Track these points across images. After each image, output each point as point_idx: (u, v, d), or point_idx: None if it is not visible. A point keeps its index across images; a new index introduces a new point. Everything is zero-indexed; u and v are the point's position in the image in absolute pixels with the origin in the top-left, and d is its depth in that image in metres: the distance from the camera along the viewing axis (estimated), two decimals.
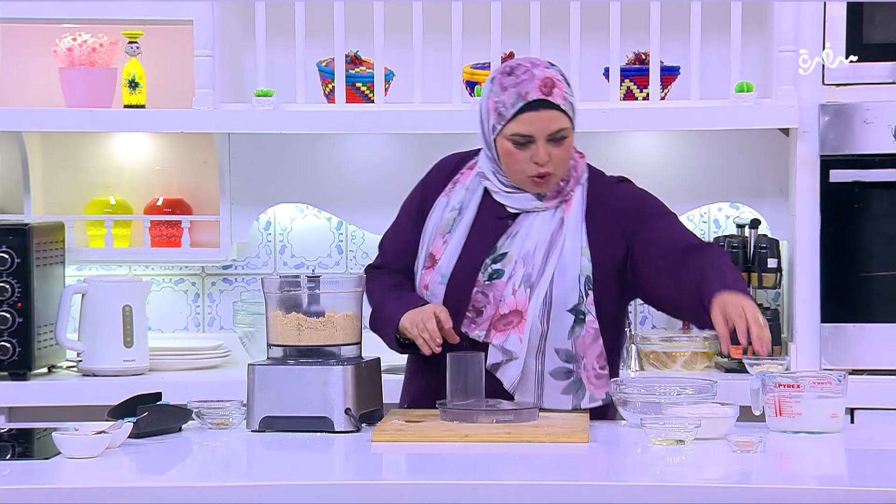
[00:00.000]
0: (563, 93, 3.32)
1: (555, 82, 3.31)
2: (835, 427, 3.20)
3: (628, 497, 2.73)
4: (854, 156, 4.16)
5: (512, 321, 3.32)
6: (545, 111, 3.30)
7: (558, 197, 3.38)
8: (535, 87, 3.30)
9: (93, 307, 4.28)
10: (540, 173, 3.32)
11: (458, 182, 3.45)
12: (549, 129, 3.31)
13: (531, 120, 3.30)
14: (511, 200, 3.38)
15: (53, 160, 4.67)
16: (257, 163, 4.59)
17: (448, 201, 3.43)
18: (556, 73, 3.34)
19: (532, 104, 3.30)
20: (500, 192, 3.39)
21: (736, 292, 3.16)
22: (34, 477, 2.84)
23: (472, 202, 3.41)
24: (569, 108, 3.33)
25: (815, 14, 4.16)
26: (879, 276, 4.15)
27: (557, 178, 3.36)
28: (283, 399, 3.23)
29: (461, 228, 3.40)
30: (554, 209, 3.38)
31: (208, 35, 4.30)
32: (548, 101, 3.30)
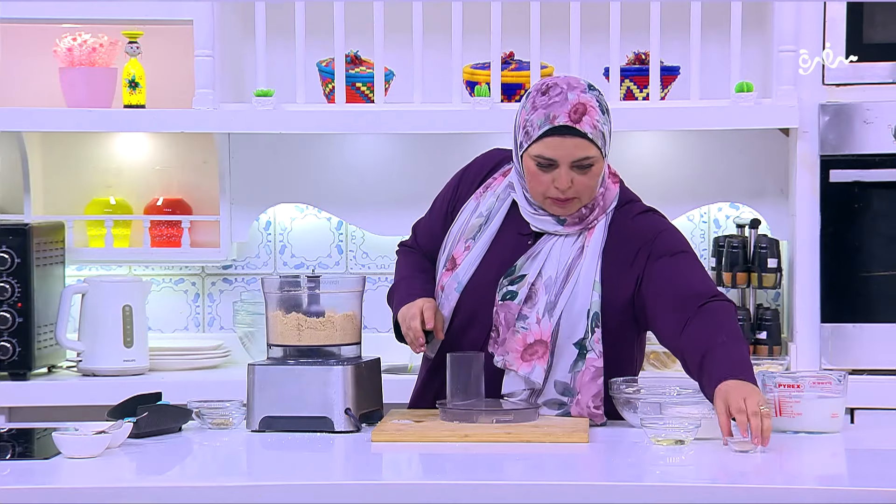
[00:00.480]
0: (593, 120, 3.21)
1: (587, 109, 3.21)
2: (835, 427, 3.20)
3: (628, 497, 2.73)
4: (854, 156, 4.16)
5: (537, 351, 3.27)
6: (571, 138, 3.21)
7: (580, 224, 3.31)
8: (564, 112, 3.21)
9: (93, 307, 4.28)
10: (560, 198, 3.26)
11: (490, 187, 3.40)
12: (574, 157, 3.22)
13: (556, 145, 3.22)
14: (534, 220, 3.32)
15: (53, 160, 4.67)
16: (257, 163, 4.59)
17: (477, 206, 3.38)
18: (593, 98, 3.24)
19: (558, 129, 3.21)
20: (526, 210, 3.33)
21: (740, 381, 3.06)
22: (34, 477, 2.84)
23: (499, 212, 3.36)
24: (598, 137, 3.23)
25: (815, 14, 4.16)
26: (879, 276, 4.15)
27: (580, 203, 3.28)
28: (283, 399, 3.23)
29: (485, 238, 3.35)
30: (576, 236, 3.31)
31: (208, 35, 4.30)
32: (574, 129, 3.21)
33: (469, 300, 3.33)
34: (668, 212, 4.50)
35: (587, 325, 3.27)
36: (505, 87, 4.32)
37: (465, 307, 3.34)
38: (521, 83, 4.34)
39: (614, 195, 3.36)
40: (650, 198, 4.51)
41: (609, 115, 3.27)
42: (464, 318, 3.34)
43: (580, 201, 3.28)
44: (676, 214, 4.54)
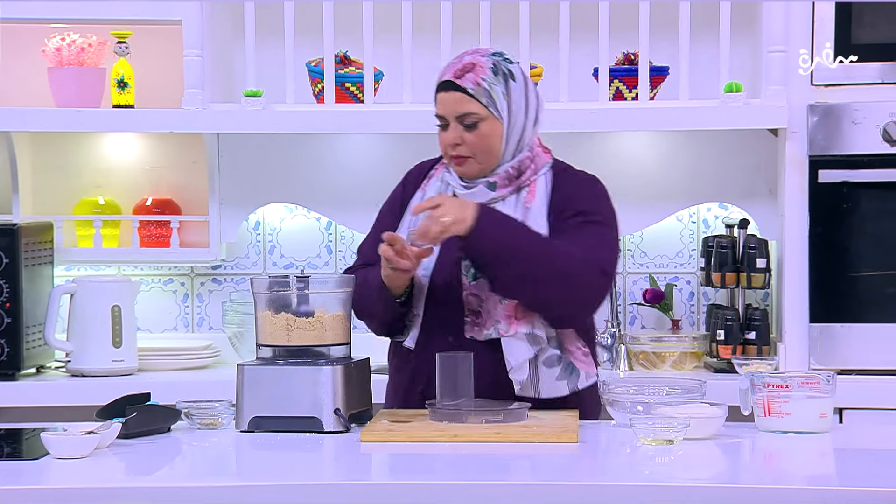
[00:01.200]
0: (477, 78, 3.34)
1: (475, 67, 3.35)
2: (823, 427, 3.21)
3: (617, 497, 2.73)
4: (843, 156, 4.17)
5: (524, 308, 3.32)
6: (451, 93, 3.35)
7: (511, 186, 3.40)
8: (451, 71, 3.38)
9: (81, 307, 4.27)
10: (452, 154, 3.38)
11: (433, 177, 3.50)
12: (456, 112, 3.36)
13: (441, 101, 3.38)
14: (468, 196, 3.40)
15: (42, 160, 4.66)
16: (246, 163, 4.59)
17: (424, 194, 3.48)
18: (489, 60, 3.36)
19: (442, 85, 3.38)
20: (459, 189, 3.43)
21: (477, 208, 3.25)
22: (23, 477, 2.84)
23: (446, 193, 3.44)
24: (481, 94, 3.34)
25: (804, 14, 4.16)
26: (868, 276, 4.16)
27: (479, 164, 3.38)
28: (272, 399, 3.23)
29: None
30: (514, 198, 3.39)
31: (197, 35, 4.29)
32: (454, 84, 3.35)
33: (438, 282, 3.38)
34: (657, 212, 4.54)
35: None
36: None
37: (436, 290, 3.38)
38: None
39: (545, 162, 3.45)
40: (639, 197, 4.54)
41: (509, 78, 3.35)
42: (436, 300, 3.37)
43: (476, 161, 3.38)
44: (665, 214, 4.54)
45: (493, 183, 3.39)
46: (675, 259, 4.60)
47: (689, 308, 4.60)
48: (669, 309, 4.54)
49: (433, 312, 3.38)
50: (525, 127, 3.39)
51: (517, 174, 3.40)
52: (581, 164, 4.54)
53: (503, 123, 3.36)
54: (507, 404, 3.26)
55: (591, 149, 4.54)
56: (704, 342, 4.38)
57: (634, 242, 4.60)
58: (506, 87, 3.36)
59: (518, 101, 3.37)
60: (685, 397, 3.28)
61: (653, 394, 3.29)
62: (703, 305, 4.58)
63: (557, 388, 3.35)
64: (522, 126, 3.39)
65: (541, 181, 3.41)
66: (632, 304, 4.59)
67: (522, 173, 3.40)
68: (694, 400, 3.27)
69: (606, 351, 4.38)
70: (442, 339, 3.34)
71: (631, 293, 4.59)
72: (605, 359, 4.38)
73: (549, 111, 4.26)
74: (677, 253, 4.60)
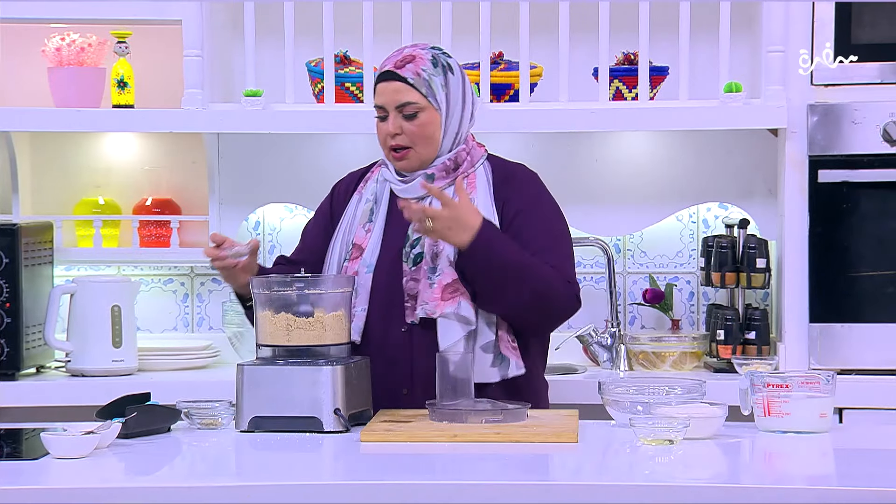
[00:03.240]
0: (417, 68, 3.42)
1: (415, 58, 3.44)
2: (823, 427, 3.21)
3: (617, 497, 2.73)
4: (842, 156, 4.17)
5: (457, 289, 3.38)
6: (392, 83, 3.44)
7: (448, 177, 3.46)
8: (391, 61, 3.46)
9: (81, 307, 4.27)
10: (391, 145, 3.44)
11: (369, 179, 3.58)
12: (397, 101, 3.43)
13: (381, 91, 3.46)
14: (406, 192, 3.48)
15: (42, 160, 4.66)
16: (246, 163, 4.59)
17: (362, 196, 3.55)
18: (429, 53, 3.45)
19: (383, 75, 3.46)
20: (397, 185, 3.50)
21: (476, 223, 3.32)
22: (22, 477, 2.84)
23: (384, 194, 3.53)
24: (421, 84, 3.42)
25: (804, 14, 4.16)
26: (868, 276, 4.16)
27: (418, 155, 3.45)
28: (272, 399, 3.23)
29: (380, 218, 3.51)
30: (452, 190, 3.43)
31: (197, 35, 4.29)
32: (395, 74, 3.42)
33: (380, 280, 3.45)
34: (657, 212, 4.54)
35: None
36: (494, 88, 4.32)
37: (379, 284, 3.45)
38: (511, 83, 4.34)
39: (481, 154, 3.52)
40: (639, 198, 4.54)
41: (448, 71, 3.44)
42: (380, 294, 3.44)
43: (416, 153, 3.45)
44: (665, 214, 4.54)
45: (431, 175, 3.47)
46: (675, 259, 4.60)
47: (689, 308, 4.60)
48: (669, 309, 4.55)
49: (378, 305, 3.44)
50: (462, 119, 3.48)
51: (454, 166, 3.47)
52: (581, 164, 4.56)
53: (441, 114, 3.45)
54: (507, 404, 3.27)
55: (591, 149, 4.54)
56: (704, 342, 4.38)
57: (634, 242, 4.60)
58: (444, 79, 3.45)
59: (456, 93, 3.46)
60: (685, 397, 3.28)
61: (653, 394, 3.29)
62: (702, 305, 4.58)
63: (488, 374, 3.42)
64: (460, 118, 3.48)
65: (480, 173, 3.50)
66: (632, 304, 4.59)
67: (460, 165, 3.48)
68: (694, 400, 3.27)
69: (606, 351, 4.38)
70: (385, 329, 3.41)
71: (631, 293, 4.59)
72: (605, 359, 4.38)
73: (549, 111, 4.29)
74: (677, 253, 4.60)
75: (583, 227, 4.49)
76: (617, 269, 4.53)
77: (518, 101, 4.30)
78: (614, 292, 4.46)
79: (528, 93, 4.30)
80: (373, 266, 3.47)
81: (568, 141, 4.53)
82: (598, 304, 4.54)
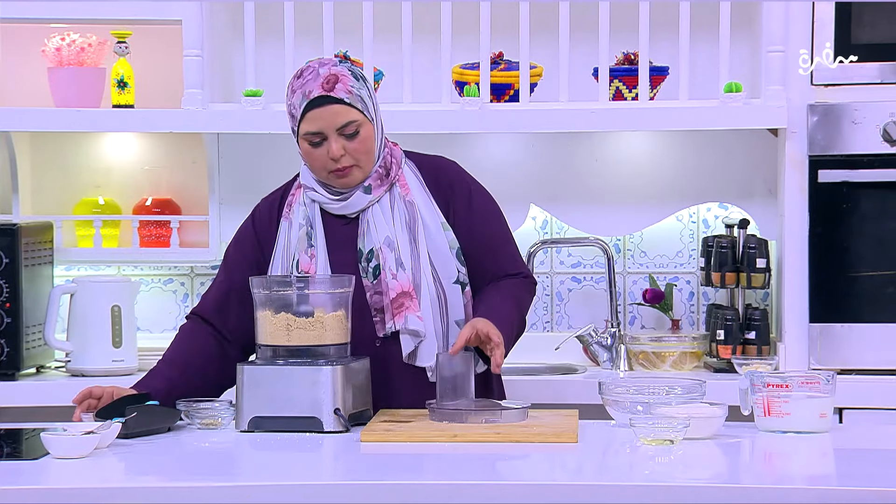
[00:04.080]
0: (347, 87, 3.39)
1: (339, 77, 3.40)
2: (823, 427, 3.21)
3: (617, 497, 2.73)
4: (842, 156, 4.17)
5: (403, 303, 3.38)
6: (329, 106, 3.38)
7: (384, 185, 3.46)
8: (317, 86, 3.38)
9: (81, 307, 4.27)
10: (337, 168, 3.40)
11: (293, 203, 3.52)
12: (337, 124, 3.39)
13: (317, 117, 3.38)
14: (346, 209, 3.45)
15: (42, 160, 4.66)
16: (246, 163, 4.59)
17: (292, 222, 3.49)
18: (344, 68, 3.42)
19: (315, 101, 3.38)
20: (332, 203, 3.46)
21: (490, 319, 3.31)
22: (22, 477, 2.84)
23: (316, 216, 3.48)
24: (356, 101, 3.40)
25: (804, 14, 4.16)
26: (868, 276, 4.16)
27: (362, 170, 3.43)
28: (272, 399, 3.23)
29: (320, 241, 3.46)
30: (389, 196, 3.45)
31: (197, 35, 4.29)
32: (330, 97, 3.37)
33: None
34: (657, 212, 4.54)
35: (455, 261, 3.43)
36: (494, 88, 4.32)
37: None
38: (511, 83, 4.34)
39: (400, 153, 3.53)
40: (639, 197, 4.54)
41: (365, 81, 3.45)
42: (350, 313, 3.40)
43: (360, 168, 3.43)
44: (665, 214, 4.54)
45: (367, 186, 3.45)
46: (675, 259, 4.60)
47: (688, 308, 4.60)
48: (669, 309, 4.55)
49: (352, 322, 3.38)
50: (381, 123, 3.49)
51: (386, 172, 3.47)
52: (581, 164, 4.57)
53: (374, 125, 3.44)
54: (506, 404, 3.27)
55: (591, 149, 4.54)
56: (704, 342, 4.38)
57: (634, 242, 4.60)
58: (368, 90, 3.45)
59: (374, 99, 3.47)
60: (685, 397, 3.28)
61: (653, 394, 3.29)
62: (702, 305, 4.58)
63: None
64: (381, 123, 3.49)
65: (407, 172, 3.50)
66: (632, 304, 4.59)
67: (389, 170, 3.47)
68: (694, 400, 3.27)
69: (606, 351, 4.38)
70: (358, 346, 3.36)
71: (631, 293, 4.59)
72: (605, 359, 4.38)
73: (549, 111, 4.29)
74: (677, 253, 4.60)
75: (583, 227, 4.50)
76: (617, 269, 4.53)
77: (518, 101, 4.30)
78: (614, 292, 4.46)
79: (528, 93, 4.30)
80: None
81: (568, 141, 4.53)
82: (598, 304, 4.54)
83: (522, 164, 4.56)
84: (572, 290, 4.60)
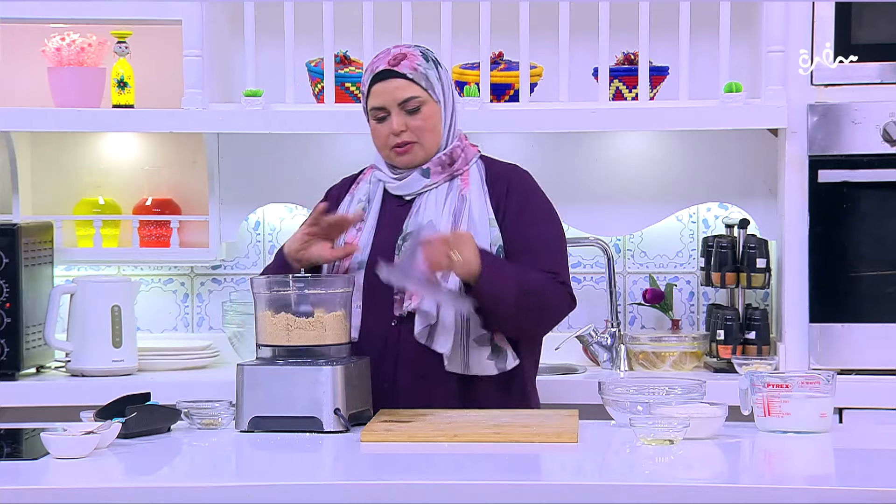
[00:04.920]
0: (413, 64, 3.45)
1: (406, 55, 3.47)
2: (823, 427, 3.21)
3: (617, 497, 2.73)
4: (842, 156, 4.17)
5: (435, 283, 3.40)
6: (392, 80, 3.46)
7: (444, 173, 3.50)
8: (384, 61, 3.47)
9: (81, 307, 4.27)
10: (397, 143, 3.45)
11: (361, 180, 3.60)
12: (398, 98, 3.45)
13: (380, 91, 3.47)
14: (401, 188, 3.51)
15: (42, 160, 4.66)
16: (246, 163, 4.59)
17: (353, 196, 3.58)
18: (417, 51, 3.49)
19: (379, 74, 3.47)
20: (391, 182, 3.52)
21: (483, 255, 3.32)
22: (22, 477, 2.84)
23: (376, 194, 3.55)
24: (420, 79, 3.45)
25: (804, 14, 4.16)
26: (868, 276, 4.16)
27: (424, 149, 3.48)
28: (272, 399, 3.23)
29: (371, 217, 3.53)
30: (448, 185, 3.49)
31: (197, 35, 4.29)
32: (393, 72, 3.45)
33: (371, 277, 3.44)
34: (657, 212, 4.54)
35: None
36: (494, 88, 4.33)
37: (370, 280, 3.45)
38: (511, 83, 4.34)
39: (474, 153, 3.55)
40: (639, 198, 4.54)
41: (438, 65, 3.50)
42: (371, 290, 3.45)
43: (421, 147, 3.47)
44: (665, 214, 4.54)
45: (426, 170, 3.50)
46: (675, 259, 4.60)
47: (689, 308, 4.60)
48: (669, 309, 4.55)
49: (369, 301, 3.46)
50: (454, 112, 3.53)
51: (450, 162, 3.50)
52: (581, 164, 4.57)
53: (441, 106, 3.49)
54: (448, 289, 3.32)
55: (590, 149, 4.54)
56: (704, 342, 4.38)
57: (634, 242, 4.60)
58: (437, 73, 3.50)
59: (449, 86, 3.52)
60: (685, 397, 3.28)
61: (653, 394, 3.29)
62: (703, 305, 4.58)
63: (486, 367, 3.44)
64: (453, 111, 3.52)
65: (473, 171, 3.53)
66: (632, 304, 4.59)
67: (455, 161, 3.50)
68: (694, 400, 3.27)
69: (606, 351, 4.38)
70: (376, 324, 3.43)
71: (631, 293, 4.59)
72: (605, 359, 4.38)
73: (549, 111, 4.29)
74: (677, 253, 4.60)
75: (583, 227, 4.50)
76: (617, 269, 4.53)
77: (518, 101, 4.30)
78: (614, 292, 4.46)
79: (528, 93, 4.30)
80: (364, 263, 3.49)
81: (568, 141, 4.53)
82: (598, 304, 4.54)
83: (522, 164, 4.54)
84: None
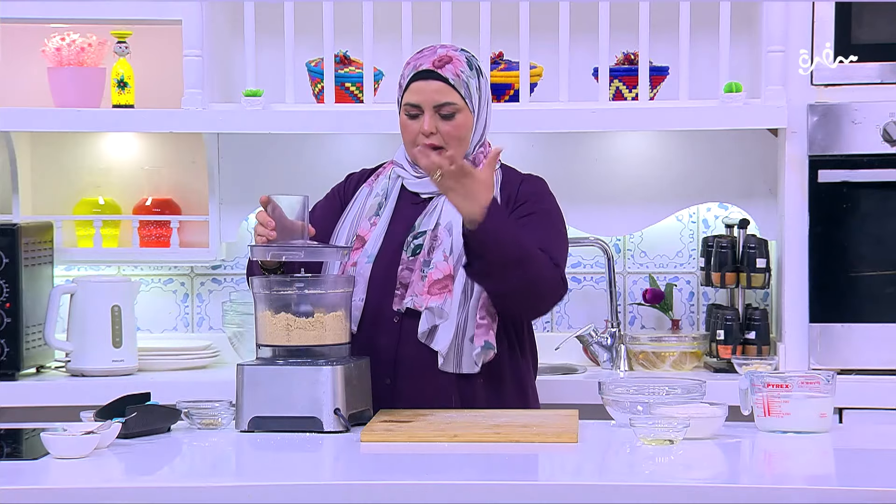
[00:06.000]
0: (456, 70, 3.44)
1: (452, 59, 3.45)
2: (823, 427, 3.21)
3: (617, 497, 2.73)
4: (842, 156, 4.17)
5: (446, 285, 3.41)
6: (433, 82, 3.44)
7: None
8: (429, 61, 3.45)
9: (81, 307, 4.27)
10: (426, 143, 3.44)
11: (381, 174, 3.61)
12: (435, 101, 3.44)
13: (419, 89, 3.45)
14: (421, 186, 3.52)
15: (42, 160, 4.66)
16: (246, 163, 4.59)
17: (371, 189, 3.58)
18: (462, 55, 3.47)
19: (421, 73, 3.45)
20: (412, 180, 3.53)
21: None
22: (23, 477, 2.84)
23: (394, 190, 3.55)
24: (460, 85, 3.44)
25: (804, 14, 4.16)
26: (868, 276, 4.16)
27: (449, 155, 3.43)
28: (272, 399, 3.23)
29: (386, 212, 3.53)
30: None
31: (197, 35, 4.29)
32: (436, 73, 3.43)
33: (381, 268, 3.46)
34: (657, 212, 4.54)
35: None
36: (494, 88, 4.32)
37: (378, 275, 3.47)
38: (511, 83, 4.34)
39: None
40: (639, 198, 4.54)
41: (480, 73, 3.49)
42: (377, 284, 3.45)
43: (447, 152, 3.43)
44: (665, 214, 4.54)
45: None
46: (674, 259, 4.60)
47: (688, 308, 4.60)
48: (669, 309, 4.55)
49: (374, 295, 3.46)
50: (486, 122, 3.53)
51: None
52: (581, 164, 4.57)
53: (474, 116, 3.48)
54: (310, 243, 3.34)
55: (590, 149, 4.54)
56: (704, 342, 4.38)
57: (634, 242, 4.60)
58: (478, 82, 3.49)
59: (486, 96, 3.51)
60: (685, 397, 3.28)
61: (653, 394, 3.29)
62: (702, 305, 4.58)
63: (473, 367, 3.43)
64: (485, 121, 3.53)
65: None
66: (632, 304, 4.59)
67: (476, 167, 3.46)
68: (694, 400, 3.27)
69: (606, 351, 4.38)
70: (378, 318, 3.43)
71: (631, 293, 4.59)
72: (605, 359, 4.38)
73: (549, 111, 4.29)
74: (677, 253, 4.60)
75: (583, 227, 4.50)
76: (617, 269, 4.53)
77: (518, 101, 4.31)
78: (614, 292, 4.46)
79: (528, 93, 4.30)
80: (373, 257, 3.49)
81: (568, 141, 4.53)
82: (598, 304, 4.54)
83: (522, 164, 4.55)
84: (572, 290, 4.60)
